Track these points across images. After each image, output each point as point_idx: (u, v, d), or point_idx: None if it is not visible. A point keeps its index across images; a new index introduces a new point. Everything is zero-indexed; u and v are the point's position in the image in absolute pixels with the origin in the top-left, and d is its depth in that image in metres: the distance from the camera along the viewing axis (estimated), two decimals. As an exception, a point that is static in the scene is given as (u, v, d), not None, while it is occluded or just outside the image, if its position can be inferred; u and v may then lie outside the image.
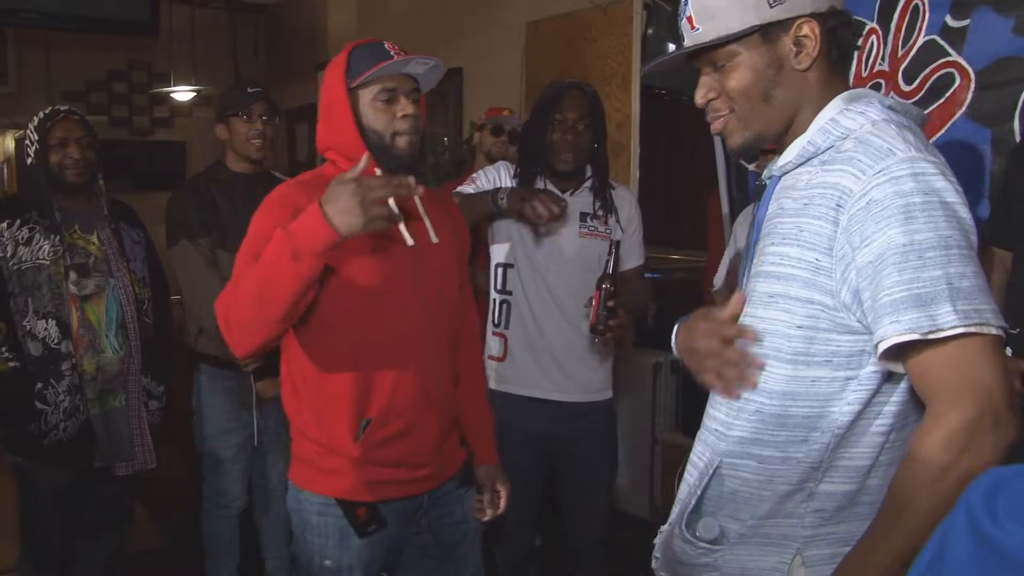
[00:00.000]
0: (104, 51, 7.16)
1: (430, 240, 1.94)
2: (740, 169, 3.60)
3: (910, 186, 1.16)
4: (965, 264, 1.14)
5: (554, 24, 4.50)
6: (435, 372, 1.96)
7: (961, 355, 1.14)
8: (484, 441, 2.15)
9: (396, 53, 1.86)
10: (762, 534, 1.30)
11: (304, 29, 6.96)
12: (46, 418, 2.47)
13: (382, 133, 1.86)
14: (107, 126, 7.38)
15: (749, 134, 1.36)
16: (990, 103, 2.67)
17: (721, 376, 1.35)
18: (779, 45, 1.29)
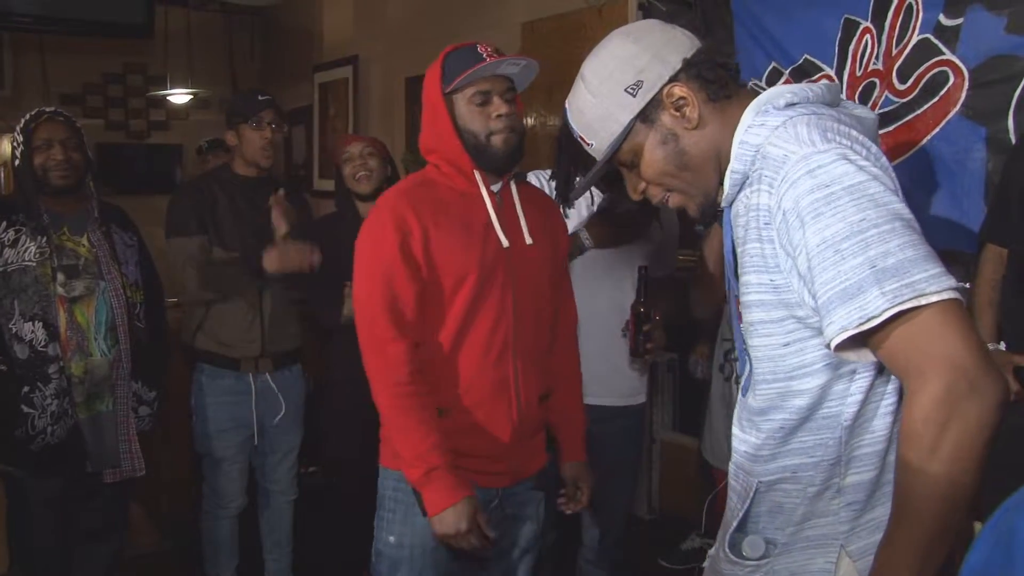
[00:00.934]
0: (100, 54, 7.15)
1: (524, 241, 2.01)
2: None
3: (809, 184, 1.16)
4: (886, 241, 1.11)
5: (549, 24, 4.50)
6: (521, 373, 2.01)
7: (912, 332, 1.11)
8: (573, 440, 2.20)
9: (488, 55, 1.91)
10: (803, 538, 1.32)
11: (300, 31, 6.96)
12: (33, 422, 2.44)
13: (478, 134, 1.93)
14: (103, 129, 7.38)
15: (698, 200, 1.39)
16: (984, 101, 2.68)
17: None
18: (662, 120, 1.34)
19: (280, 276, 2.85)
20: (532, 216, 2.05)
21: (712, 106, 1.33)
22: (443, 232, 1.93)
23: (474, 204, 1.98)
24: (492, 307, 1.97)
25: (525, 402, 2.02)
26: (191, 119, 7.61)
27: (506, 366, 1.99)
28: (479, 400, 1.98)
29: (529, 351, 2.03)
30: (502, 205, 2.01)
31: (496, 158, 1.95)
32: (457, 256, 1.94)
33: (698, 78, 1.33)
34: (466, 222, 1.96)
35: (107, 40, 6.58)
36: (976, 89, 2.69)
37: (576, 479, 2.19)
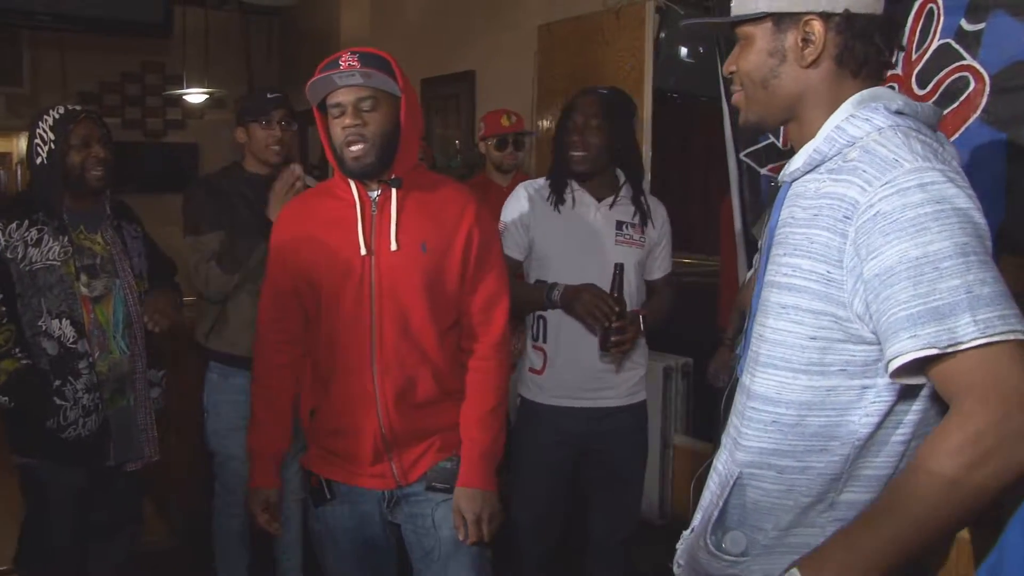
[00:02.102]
0: (118, 53, 7.19)
1: (389, 247, 1.98)
2: (752, 173, 3.59)
3: (919, 197, 1.15)
4: (984, 270, 1.12)
5: (566, 27, 4.49)
6: (381, 379, 1.99)
7: (987, 362, 1.10)
8: (463, 462, 2.08)
9: (345, 64, 1.92)
10: (785, 544, 1.31)
11: (317, 31, 6.97)
12: (65, 413, 2.46)
13: (337, 147, 1.98)
14: (120, 128, 7.42)
15: (751, 115, 1.40)
16: (1005, 107, 2.65)
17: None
18: (786, 37, 1.32)
19: None
20: (412, 223, 2.00)
21: (831, 66, 1.32)
22: (308, 241, 2.03)
23: (347, 211, 2.00)
24: (347, 314, 1.99)
25: (389, 408, 2.00)
26: (207, 118, 7.65)
27: (363, 373, 1.99)
28: (342, 405, 2.03)
29: (394, 355, 1.99)
30: (378, 211, 2.01)
31: (351, 172, 1.97)
32: (314, 265, 2.01)
33: (843, 33, 1.30)
34: (331, 230, 2.01)
35: (125, 39, 6.62)
36: (997, 95, 2.66)
37: (458, 507, 2.05)
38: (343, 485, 2.09)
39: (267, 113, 2.97)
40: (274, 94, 3.04)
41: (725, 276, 4.23)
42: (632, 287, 2.65)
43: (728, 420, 1.44)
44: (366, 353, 1.99)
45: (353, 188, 2.00)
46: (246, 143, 3.02)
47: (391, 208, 2.00)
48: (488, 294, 2.10)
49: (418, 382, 2.03)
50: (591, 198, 2.65)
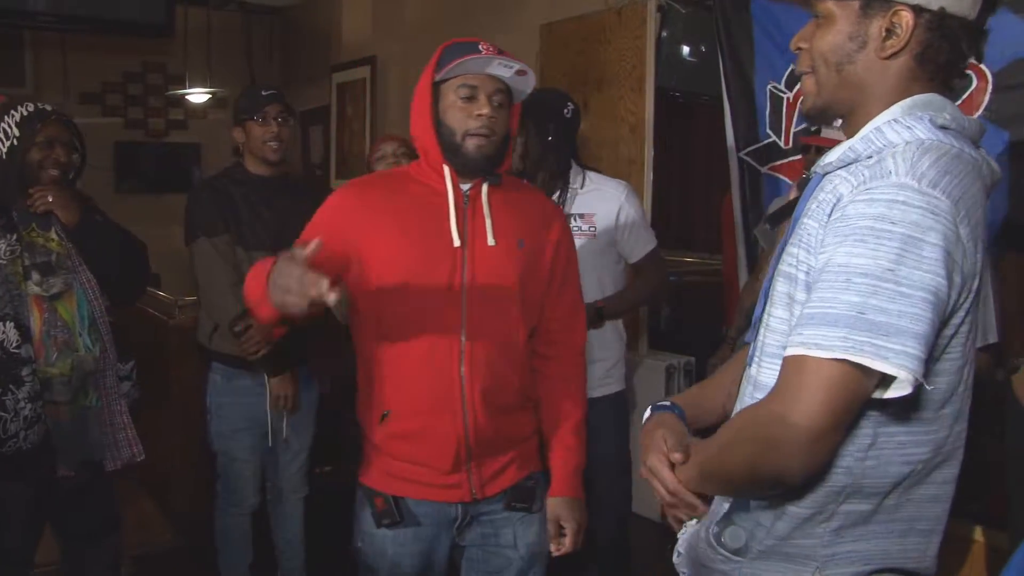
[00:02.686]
0: (120, 53, 7.19)
1: (486, 242, 1.90)
2: (753, 172, 3.59)
3: (877, 211, 1.13)
4: (893, 300, 1.10)
5: (568, 26, 4.49)
6: (469, 382, 1.88)
7: (823, 374, 1.13)
8: (557, 471, 2.03)
9: (486, 49, 1.83)
10: (782, 552, 1.29)
11: (318, 31, 6.97)
12: (5, 426, 2.29)
13: (455, 131, 1.87)
14: (122, 128, 7.42)
15: (819, 101, 1.34)
16: (1007, 105, 2.66)
17: (664, 499, 1.42)
18: (871, 23, 1.25)
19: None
20: (506, 219, 1.93)
21: (908, 62, 1.26)
22: (388, 227, 1.88)
23: (438, 200, 1.90)
24: (436, 308, 1.87)
25: (476, 410, 1.89)
26: (209, 118, 7.64)
27: (451, 371, 1.87)
28: (420, 408, 1.89)
29: (484, 355, 1.89)
30: (470, 204, 1.91)
31: (466, 163, 1.88)
32: (396, 254, 1.87)
33: (931, 32, 1.24)
34: (417, 218, 1.89)
35: (127, 39, 6.61)
36: (999, 93, 2.67)
37: (557, 517, 2.01)
38: (411, 502, 1.96)
39: (262, 110, 2.95)
40: (269, 91, 3.02)
41: (727, 275, 4.23)
42: (594, 279, 2.68)
43: (735, 409, 1.42)
44: (455, 350, 1.87)
45: (447, 176, 1.90)
46: (244, 142, 3.00)
47: (483, 202, 1.92)
48: (573, 301, 2.09)
49: (506, 385, 1.94)
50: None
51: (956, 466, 1.29)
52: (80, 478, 2.48)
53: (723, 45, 3.68)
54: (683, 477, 1.35)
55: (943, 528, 1.31)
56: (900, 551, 1.27)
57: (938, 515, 1.29)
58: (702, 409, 1.51)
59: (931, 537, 1.29)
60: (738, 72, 3.63)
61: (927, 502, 1.27)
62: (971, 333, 1.24)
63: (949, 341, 1.20)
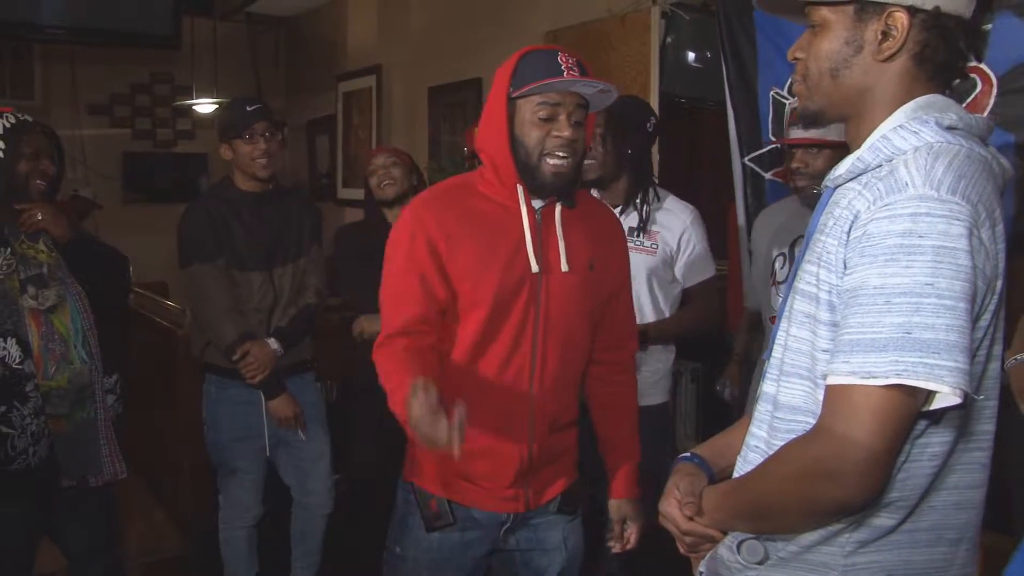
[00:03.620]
0: (127, 65, 7.24)
1: (560, 268, 1.87)
2: (756, 178, 3.59)
3: (903, 227, 1.11)
4: (936, 315, 1.09)
5: (573, 33, 4.50)
6: (539, 401, 1.89)
7: (873, 401, 1.12)
8: (617, 474, 2.05)
9: (567, 68, 1.76)
10: (803, 560, 1.27)
11: (324, 41, 7.00)
12: (12, 442, 2.28)
13: (531, 151, 1.79)
14: (130, 139, 7.47)
15: (812, 105, 1.33)
16: (1013, 108, 2.65)
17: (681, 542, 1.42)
18: (867, 28, 1.24)
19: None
20: (578, 240, 1.90)
21: (907, 64, 1.25)
22: (464, 247, 1.83)
23: (510, 220, 1.84)
24: (511, 331, 1.85)
25: (542, 431, 1.91)
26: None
27: (521, 392, 1.87)
28: (489, 423, 1.87)
29: (553, 380, 1.89)
30: (542, 224, 1.87)
31: (543, 184, 1.81)
32: (475, 275, 1.83)
33: (928, 31, 1.22)
34: (494, 239, 1.84)
35: (135, 51, 6.66)
36: (1004, 96, 2.67)
37: (624, 517, 2.04)
38: (463, 508, 1.94)
39: (249, 127, 2.86)
40: (253, 106, 2.92)
41: (731, 281, 4.23)
42: (645, 296, 2.68)
43: (748, 430, 1.40)
44: (526, 374, 1.87)
45: (521, 196, 1.84)
46: (232, 160, 2.92)
47: (556, 223, 1.87)
48: (627, 310, 2.10)
49: (569, 404, 1.98)
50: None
51: (981, 470, 1.27)
52: (80, 489, 2.46)
53: (726, 51, 3.68)
54: (710, 518, 1.35)
55: (973, 536, 1.29)
56: (925, 561, 1.24)
57: (966, 522, 1.27)
58: (727, 456, 1.48)
59: (959, 545, 1.26)
60: (741, 78, 3.64)
61: (951, 508, 1.25)
62: (995, 333, 1.23)
63: (978, 344, 1.18)
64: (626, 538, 2.05)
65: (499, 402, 1.87)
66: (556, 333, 1.88)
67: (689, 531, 1.36)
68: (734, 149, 3.70)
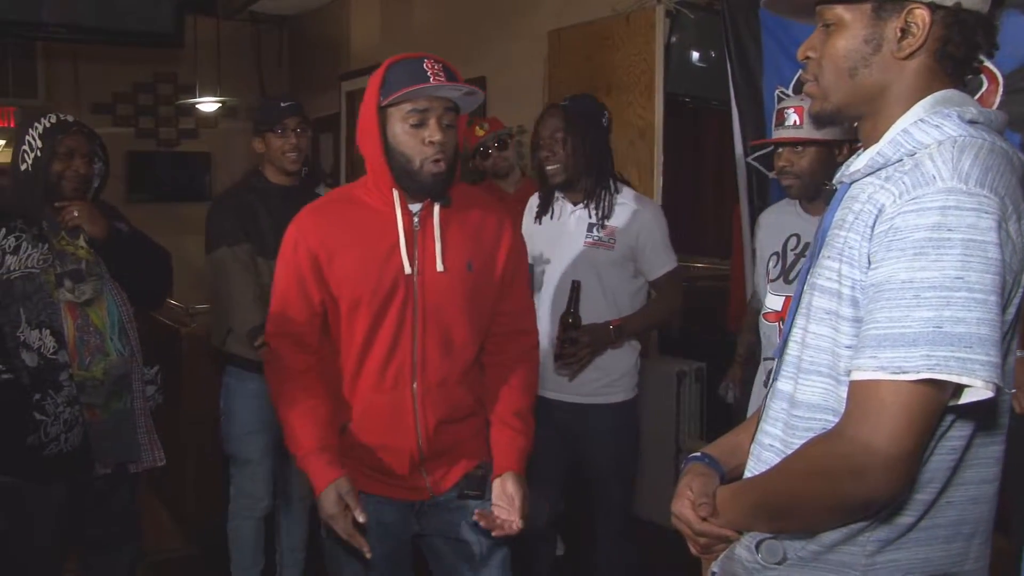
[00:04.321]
0: (130, 64, 7.24)
1: (435, 268, 1.93)
2: (761, 177, 3.58)
3: (932, 220, 1.10)
4: (967, 309, 1.08)
5: (577, 32, 4.50)
6: (421, 399, 1.96)
7: (903, 397, 1.11)
8: (500, 451, 2.05)
9: (434, 74, 1.82)
10: (823, 560, 1.26)
11: (327, 40, 7.00)
12: (46, 429, 2.38)
13: (410, 157, 1.86)
14: (134, 138, 7.46)
15: (828, 105, 1.30)
16: (1019, 107, 2.64)
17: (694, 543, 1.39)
18: (886, 25, 1.22)
19: None
20: (456, 241, 1.96)
21: (927, 60, 1.23)
22: (343, 255, 1.92)
23: (386, 224, 1.92)
24: (389, 331, 1.93)
25: (428, 426, 1.97)
26: (220, 127, 7.68)
27: (403, 392, 1.95)
28: (377, 423, 1.98)
29: (436, 377, 1.96)
30: (420, 227, 1.94)
31: (423, 186, 1.88)
32: (352, 280, 1.92)
33: (948, 28, 1.21)
34: (371, 244, 1.92)
35: (138, 49, 6.66)
36: (1011, 95, 2.66)
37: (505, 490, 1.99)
38: (373, 497, 2.03)
39: (281, 121, 3.00)
40: (287, 102, 3.07)
41: (735, 281, 4.23)
42: (603, 293, 2.72)
43: (760, 428, 1.39)
44: (407, 372, 1.95)
45: (396, 201, 1.92)
46: (264, 153, 3.05)
47: (434, 224, 1.94)
48: (522, 301, 2.14)
49: (457, 399, 2.02)
50: (570, 205, 2.78)
51: (995, 464, 1.27)
52: (112, 479, 2.56)
53: (731, 50, 3.68)
54: (726, 519, 1.32)
55: (988, 528, 1.28)
56: (943, 557, 1.24)
57: (980, 516, 1.26)
58: (738, 456, 1.47)
59: (972, 539, 1.26)
60: (746, 77, 3.63)
61: (968, 503, 1.24)
62: (1016, 327, 1.22)
63: (1004, 339, 1.16)
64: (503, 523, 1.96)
65: (385, 402, 1.97)
66: (435, 332, 1.95)
67: (704, 532, 1.34)
68: (738, 149, 3.69)
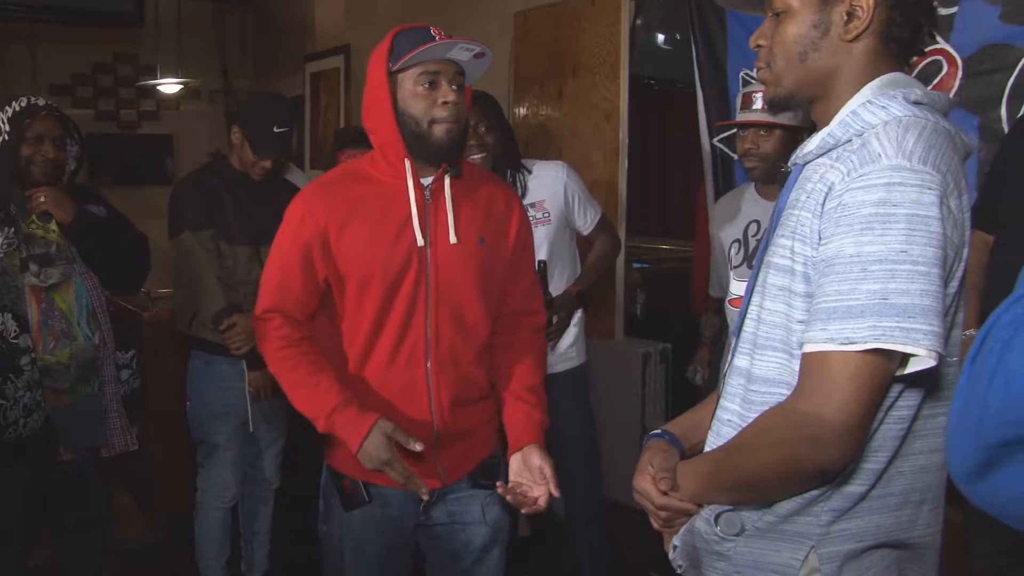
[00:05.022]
0: (89, 44, 7.11)
1: (448, 240, 1.89)
2: (726, 159, 3.60)
3: (878, 196, 1.15)
4: (911, 281, 1.13)
5: (543, 14, 4.48)
6: (436, 376, 1.92)
7: (851, 367, 1.16)
8: (518, 426, 1.97)
9: (441, 37, 1.81)
10: (779, 530, 1.30)
11: (292, 21, 6.92)
12: (5, 413, 2.37)
13: (420, 120, 1.83)
14: (93, 120, 7.33)
15: (781, 90, 1.36)
16: (978, 90, 2.68)
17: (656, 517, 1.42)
18: (833, 10, 1.29)
19: None
20: (468, 215, 1.93)
21: (872, 42, 1.29)
22: (353, 230, 1.87)
23: (397, 197, 1.88)
24: (402, 306, 1.88)
25: (443, 406, 1.93)
26: (182, 109, 7.57)
27: (417, 369, 1.91)
28: (389, 402, 1.91)
29: (449, 354, 1.93)
30: (432, 200, 1.90)
31: (435, 148, 1.85)
32: (363, 256, 1.87)
33: (892, 10, 1.27)
34: (381, 218, 1.88)
35: (97, 29, 6.55)
36: (970, 78, 2.69)
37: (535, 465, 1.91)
38: (378, 487, 1.97)
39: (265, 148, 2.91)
40: (282, 128, 2.92)
41: (698, 263, 4.25)
42: (554, 266, 2.76)
43: (719, 404, 1.42)
44: (421, 349, 1.90)
45: (408, 172, 1.87)
46: (237, 146, 2.98)
47: (446, 197, 1.90)
48: (530, 283, 2.12)
49: (471, 378, 1.98)
50: None
51: (943, 434, 1.30)
52: (78, 463, 2.55)
53: (696, 32, 3.69)
54: (687, 492, 1.36)
55: (937, 496, 1.33)
56: (893, 524, 1.29)
57: (928, 484, 1.31)
58: (698, 433, 1.51)
59: (921, 506, 1.31)
60: (711, 59, 3.65)
61: (917, 472, 1.29)
62: (960, 300, 1.27)
63: (946, 310, 1.21)
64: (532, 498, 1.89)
65: (398, 380, 1.92)
66: (448, 306, 1.91)
67: (664, 505, 1.38)
68: (703, 130, 3.71)
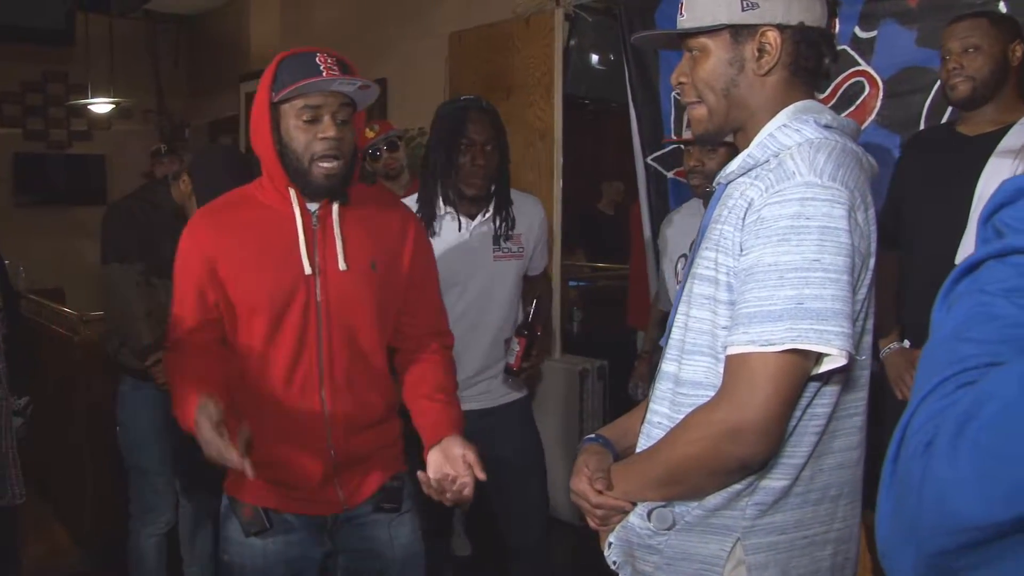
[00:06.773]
0: (18, 61, 6.97)
1: (337, 267, 1.84)
2: (659, 178, 3.67)
3: (792, 210, 1.24)
4: (823, 287, 1.22)
5: (477, 34, 4.52)
6: (331, 403, 1.86)
7: (771, 366, 1.24)
8: (444, 416, 1.92)
9: (327, 68, 1.74)
10: (707, 524, 1.38)
11: (227, 40, 6.87)
12: None
13: (300, 155, 1.77)
14: (22, 139, 7.19)
15: (712, 125, 1.45)
16: (898, 110, 2.78)
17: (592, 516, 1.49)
18: (744, 48, 1.39)
19: None
20: (358, 240, 1.88)
21: (783, 74, 1.39)
22: (238, 256, 1.81)
23: (284, 224, 1.82)
24: (292, 334, 1.82)
25: (341, 433, 1.87)
26: (114, 128, 7.46)
27: (311, 395, 1.85)
28: (287, 432, 1.85)
29: (344, 380, 1.87)
30: (319, 225, 1.85)
31: (315, 188, 1.79)
32: (248, 282, 1.81)
33: (797, 44, 1.38)
34: (267, 244, 1.82)
35: (26, 47, 6.42)
36: (890, 99, 2.79)
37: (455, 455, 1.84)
38: (279, 514, 1.91)
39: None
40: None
41: (634, 280, 4.31)
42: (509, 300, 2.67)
43: (649, 408, 1.49)
44: (315, 375, 1.84)
45: (294, 199, 1.82)
46: (184, 192, 2.90)
47: (333, 223, 1.85)
48: (435, 305, 2.06)
49: (368, 403, 1.92)
50: (463, 218, 2.60)
51: (857, 433, 1.41)
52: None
53: (628, 53, 3.75)
54: (621, 491, 1.43)
55: (853, 491, 1.42)
56: (812, 517, 1.38)
57: (845, 480, 1.40)
58: (629, 437, 1.58)
59: (839, 501, 1.40)
60: (643, 79, 3.71)
61: (835, 469, 1.38)
62: (869, 307, 1.37)
63: (856, 315, 1.30)
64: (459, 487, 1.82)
65: (291, 408, 1.85)
66: (341, 332, 1.86)
67: (600, 504, 1.45)
68: (636, 149, 3.77)
